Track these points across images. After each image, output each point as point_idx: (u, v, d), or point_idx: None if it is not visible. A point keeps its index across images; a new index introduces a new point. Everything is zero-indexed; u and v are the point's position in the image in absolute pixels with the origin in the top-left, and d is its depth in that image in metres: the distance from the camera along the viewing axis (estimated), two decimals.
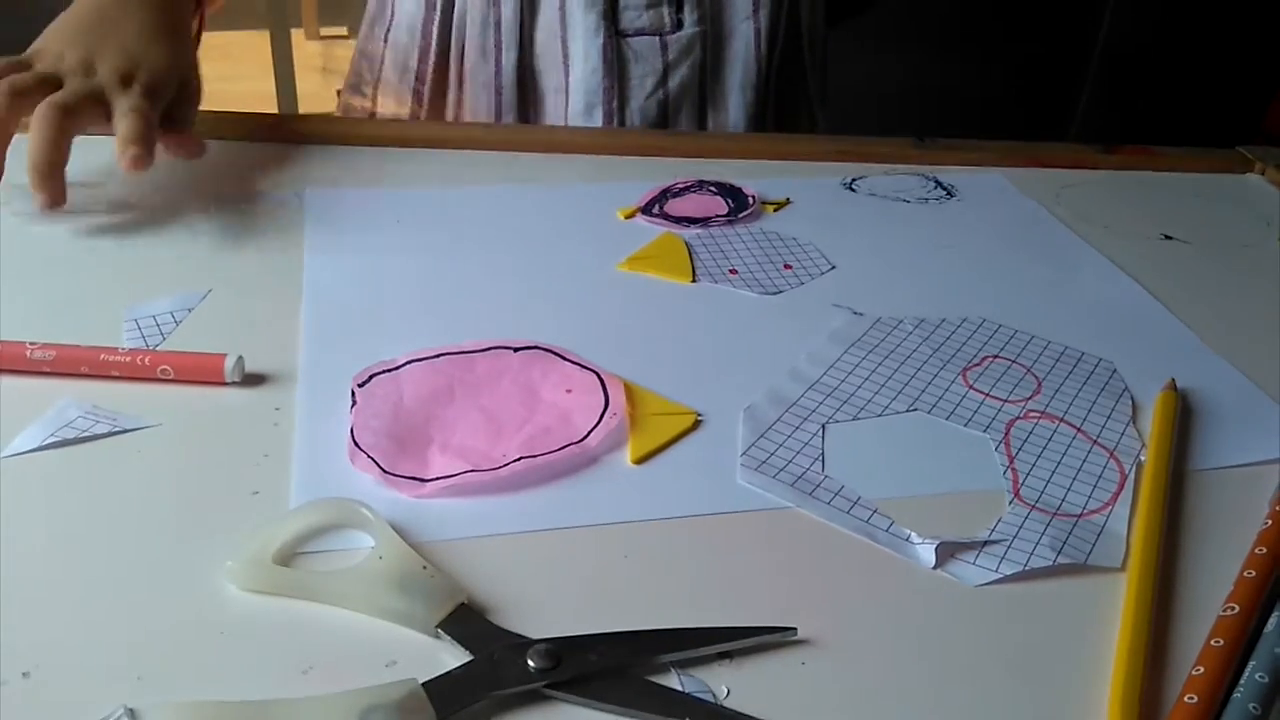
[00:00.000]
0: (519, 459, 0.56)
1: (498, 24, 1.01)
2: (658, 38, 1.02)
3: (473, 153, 0.93)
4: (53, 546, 0.49)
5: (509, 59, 1.02)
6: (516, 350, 0.64)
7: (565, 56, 1.01)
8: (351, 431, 0.57)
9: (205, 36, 0.93)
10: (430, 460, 0.56)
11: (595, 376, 0.62)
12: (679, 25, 1.02)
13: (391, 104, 1.08)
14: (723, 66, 1.04)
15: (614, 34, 1.01)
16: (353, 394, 0.59)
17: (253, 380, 0.61)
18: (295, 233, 0.77)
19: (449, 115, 1.07)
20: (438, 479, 0.54)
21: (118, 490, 0.53)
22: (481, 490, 0.54)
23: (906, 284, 0.77)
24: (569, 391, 0.61)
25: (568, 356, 0.64)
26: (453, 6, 1.03)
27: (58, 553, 0.49)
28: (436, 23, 1.03)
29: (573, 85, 1.02)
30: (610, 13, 1.00)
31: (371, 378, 0.60)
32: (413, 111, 1.08)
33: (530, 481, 0.55)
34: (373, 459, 0.55)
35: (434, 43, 1.04)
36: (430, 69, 1.05)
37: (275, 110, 2.86)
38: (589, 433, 0.58)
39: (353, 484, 0.54)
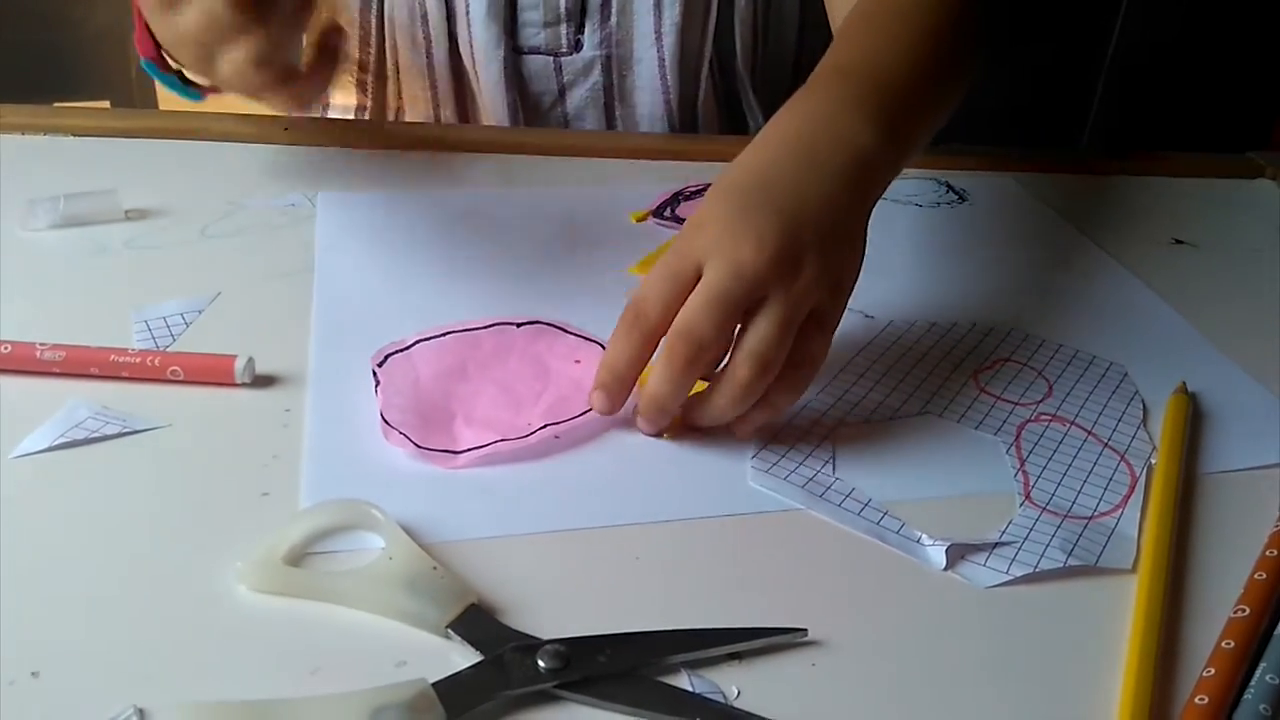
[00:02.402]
0: (545, 426, 0.57)
1: (424, 17, 0.98)
2: (552, 58, 0.99)
3: (485, 155, 0.93)
4: (62, 547, 0.50)
5: (440, 53, 1.00)
6: (519, 325, 0.65)
7: (474, 65, 0.99)
8: (381, 411, 0.57)
9: None
10: (457, 433, 0.57)
11: (599, 347, 0.63)
12: (578, 46, 0.98)
13: (339, 95, 1.07)
14: (630, 93, 1.01)
15: (512, 49, 0.98)
16: (374, 374, 0.60)
17: (263, 381, 0.61)
18: (306, 235, 0.77)
19: (390, 105, 1.06)
20: (470, 449, 0.56)
21: (127, 491, 0.53)
22: (512, 458, 0.56)
23: (918, 287, 0.77)
24: (577, 362, 0.63)
25: (570, 330, 0.65)
26: None
27: (67, 553, 0.49)
28: (373, 10, 1.01)
29: (484, 96, 1.00)
30: (510, 27, 0.97)
31: (387, 358, 0.61)
32: (359, 102, 1.06)
33: (558, 447, 0.57)
34: (405, 435, 0.56)
35: (372, 31, 1.02)
36: (371, 59, 1.03)
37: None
38: None
39: (363, 485, 0.54)
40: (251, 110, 0.79)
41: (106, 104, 2.20)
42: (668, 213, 0.85)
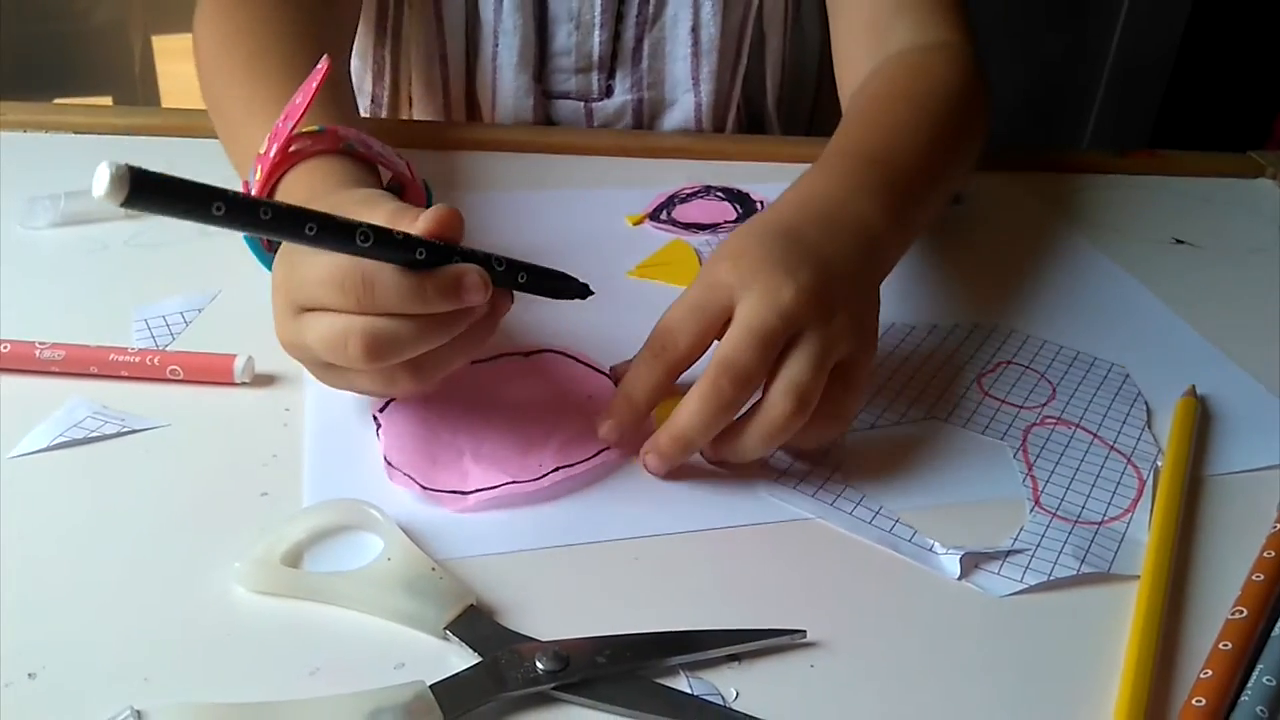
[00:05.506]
0: (556, 469, 0.55)
1: (443, 58, 0.98)
2: (582, 104, 0.99)
3: (483, 155, 0.93)
4: (60, 546, 0.50)
5: (457, 92, 1.00)
6: (527, 355, 0.64)
7: (492, 109, 0.99)
8: (385, 456, 0.56)
9: None
10: (467, 471, 0.55)
11: (609, 381, 0.62)
12: (609, 93, 0.99)
13: None
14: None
15: (541, 94, 0.98)
16: (375, 419, 0.58)
17: (262, 381, 0.61)
18: None
19: None
20: (479, 490, 0.54)
21: (126, 490, 0.53)
22: (523, 502, 0.54)
23: (916, 289, 0.77)
24: (590, 397, 0.61)
25: (579, 358, 0.64)
26: (400, 32, 1.00)
27: (65, 553, 0.49)
28: (387, 46, 1.01)
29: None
30: (539, 72, 0.98)
31: (390, 402, 0.59)
32: None
33: (569, 490, 0.55)
34: (410, 476, 0.54)
35: (386, 68, 1.02)
36: (385, 92, 1.03)
37: None
38: None
39: (363, 485, 0.54)
40: None
41: (109, 100, 2.20)
42: (664, 215, 0.84)
